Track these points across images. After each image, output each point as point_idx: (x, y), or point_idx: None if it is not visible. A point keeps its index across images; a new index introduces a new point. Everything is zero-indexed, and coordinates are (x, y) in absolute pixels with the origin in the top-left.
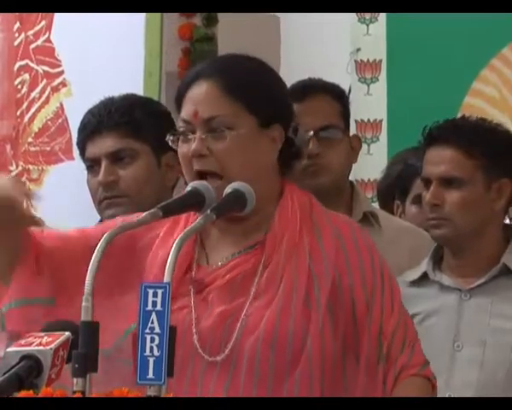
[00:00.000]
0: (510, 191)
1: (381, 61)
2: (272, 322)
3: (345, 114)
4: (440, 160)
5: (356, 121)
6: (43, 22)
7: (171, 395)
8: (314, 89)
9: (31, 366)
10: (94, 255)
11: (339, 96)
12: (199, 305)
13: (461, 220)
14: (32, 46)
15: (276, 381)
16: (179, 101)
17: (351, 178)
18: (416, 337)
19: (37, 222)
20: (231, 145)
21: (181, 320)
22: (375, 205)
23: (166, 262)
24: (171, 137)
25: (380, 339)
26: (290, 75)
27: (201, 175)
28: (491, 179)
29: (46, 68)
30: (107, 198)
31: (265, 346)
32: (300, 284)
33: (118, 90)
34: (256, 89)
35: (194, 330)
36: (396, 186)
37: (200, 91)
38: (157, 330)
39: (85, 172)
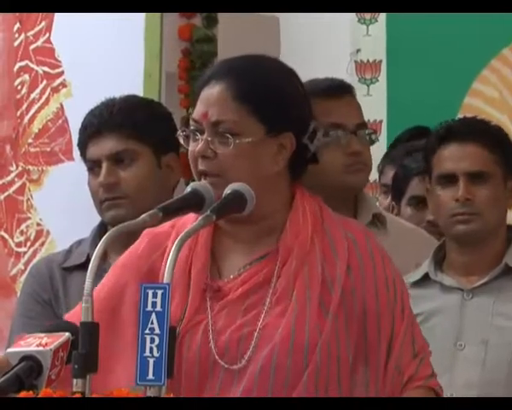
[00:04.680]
0: None
1: (380, 61)
2: (288, 332)
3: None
4: (464, 155)
5: None
6: (44, 23)
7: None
8: (347, 88)
9: (31, 367)
10: (93, 257)
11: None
12: (215, 318)
13: (489, 216)
14: (32, 47)
15: (290, 390)
16: (196, 100)
17: None
18: (425, 348)
19: None
20: (235, 152)
21: (199, 335)
22: None
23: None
24: (182, 134)
25: (389, 350)
26: None
27: (204, 175)
28: (508, 176)
29: (46, 69)
30: (108, 199)
31: (282, 356)
32: (314, 292)
33: (118, 90)
34: (267, 96)
35: (212, 345)
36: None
37: (211, 93)
38: (157, 330)
39: (85, 172)
